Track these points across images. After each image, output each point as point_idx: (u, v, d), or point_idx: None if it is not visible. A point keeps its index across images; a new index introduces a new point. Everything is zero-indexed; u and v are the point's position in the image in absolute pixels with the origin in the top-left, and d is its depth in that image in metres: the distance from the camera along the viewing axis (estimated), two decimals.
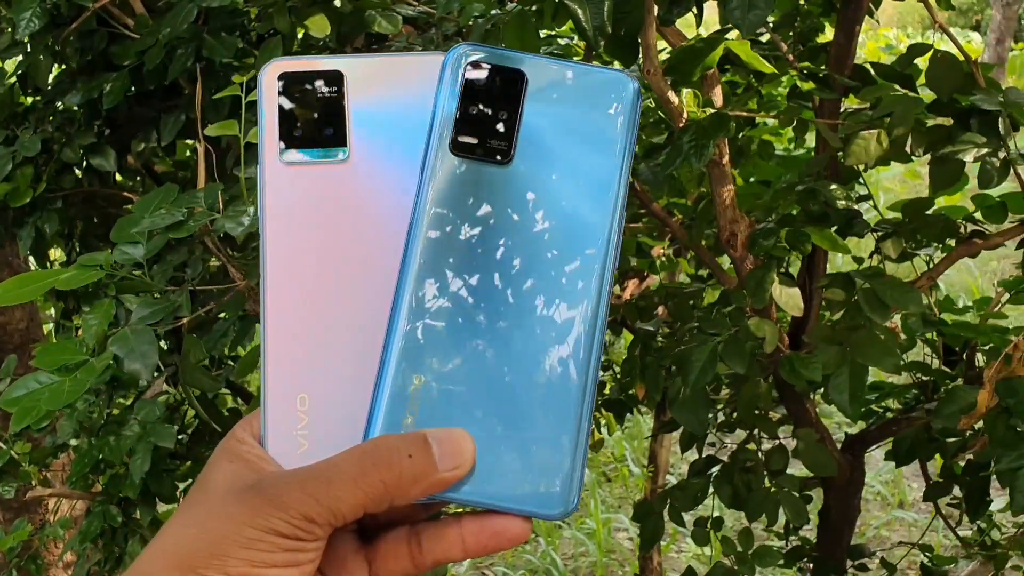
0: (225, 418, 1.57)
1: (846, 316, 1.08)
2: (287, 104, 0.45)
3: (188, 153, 1.67)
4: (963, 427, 1.05)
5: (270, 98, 0.45)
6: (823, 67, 1.19)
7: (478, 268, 0.43)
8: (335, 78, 0.45)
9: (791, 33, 1.36)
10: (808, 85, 1.10)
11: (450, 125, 0.44)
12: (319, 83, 0.45)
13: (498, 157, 0.44)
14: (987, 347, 1.29)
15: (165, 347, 1.43)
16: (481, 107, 0.44)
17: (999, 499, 1.45)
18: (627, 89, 0.44)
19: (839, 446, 1.53)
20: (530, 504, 0.42)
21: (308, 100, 0.45)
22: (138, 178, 1.68)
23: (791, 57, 1.28)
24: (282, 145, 0.45)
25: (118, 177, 1.66)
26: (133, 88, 1.43)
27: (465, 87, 0.44)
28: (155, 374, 1.48)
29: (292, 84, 0.45)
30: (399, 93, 0.45)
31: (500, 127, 0.44)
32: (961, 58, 1.13)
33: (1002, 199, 1.20)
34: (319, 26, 1.13)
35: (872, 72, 1.22)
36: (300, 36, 1.44)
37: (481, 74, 0.44)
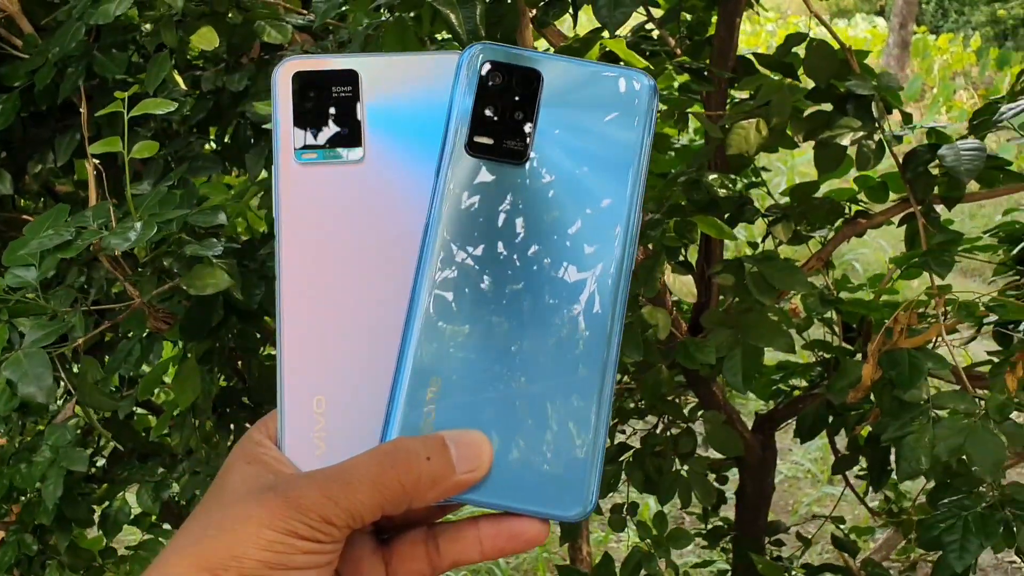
0: (141, 438, 1.55)
1: (741, 300, 1.12)
2: (301, 104, 0.45)
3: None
4: (852, 400, 1.09)
5: (284, 98, 0.45)
6: (706, 60, 1.22)
7: (494, 268, 0.43)
8: (349, 77, 0.45)
9: (680, 28, 1.40)
10: (683, 78, 1.13)
11: (466, 124, 0.44)
12: (333, 82, 0.45)
13: (514, 156, 0.43)
14: (880, 323, 1.34)
15: (76, 370, 1.41)
16: (497, 106, 0.44)
17: None
18: (643, 87, 0.44)
19: (751, 426, 1.57)
20: (547, 506, 0.42)
21: (322, 100, 0.45)
22: (40, 200, 1.65)
23: (679, 51, 1.32)
24: (296, 145, 0.45)
25: (19, 200, 1.63)
26: (25, 108, 1.41)
27: (481, 86, 0.44)
28: (67, 397, 1.46)
29: (306, 84, 0.45)
30: (414, 92, 0.45)
31: (516, 126, 0.44)
32: (836, 46, 1.18)
33: (882, 179, 1.25)
34: (207, 39, 1.12)
35: (755, 63, 1.26)
36: (196, 52, 1.43)
37: (497, 73, 0.44)
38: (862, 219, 1.22)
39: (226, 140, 1.47)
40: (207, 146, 1.44)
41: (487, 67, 0.44)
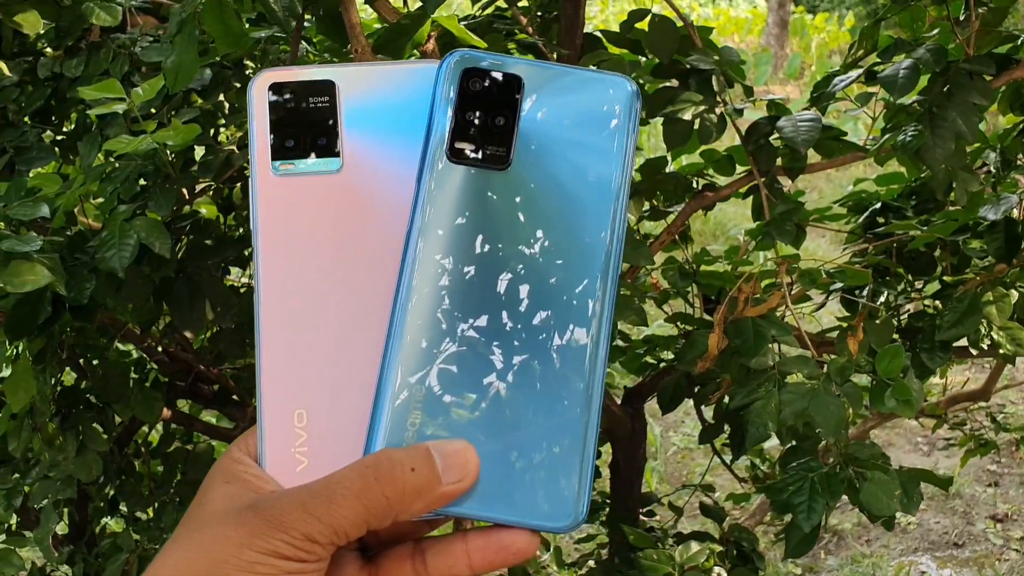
0: None
1: None
2: (278, 115, 0.44)
3: None
4: (700, 370, 1.11)
5: (260, 110, 0.44)
6: (555, 37, 1.22)
7: (478, 276, 0.42)
8: (326, 87, 0.44)
9: (532, 7, 1.39)
10: (526, 57, 1.12)
11: (446, 132, 0.43)
12: (310, 93, 0.44)
13: (496, 163, 0.43)
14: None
15: None
16: (477, 113, 0.43)
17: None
18: (625, 90, 0.44)
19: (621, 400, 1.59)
20: (537, 517, 0.41)
21: (299, 110, 0.44)
22: None
23: (531, 30, 1.32)
24: (273, 157, 0.44)
25: None
26: None
27: (461, 94, 0.43)
28: None
29: (282, 95, 0.44)
30: (392, 101, 0.45)
31: (497, 133, 0.43)
32: (679, 23, 1.19)
33: (728, 152, 1.27)
34: (30, 23, 1.07)
35: (604, 40, 1.26)
36: (34, 37, 1.36)
37: (477, 80, 0.44)
38: (709, 192, 1.24)
39: (66, 128, 1.41)
40: (47, 135, 1.38)
41: (467, 74, 0.44)
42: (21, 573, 1.47)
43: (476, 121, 0.43)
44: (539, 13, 1.36)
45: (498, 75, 0.44)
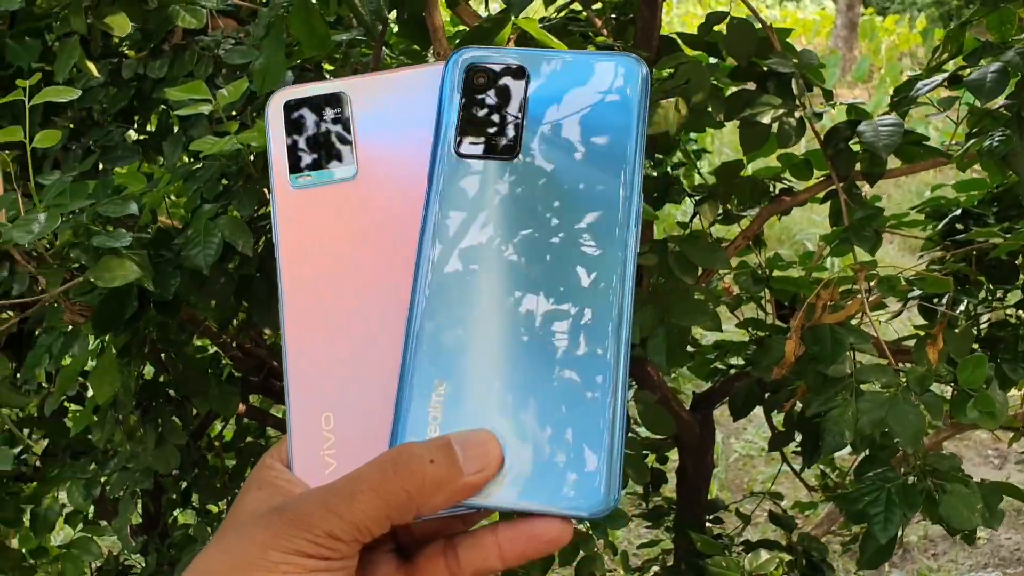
0: (77, 435, 1.52)
1: (665, 280, 1.12)
2: (293, 131, 0.46)
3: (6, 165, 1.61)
4: (776, 376, 1.09)
5: (276, 127, 0.46)
6: (631, 41, 1.22)
7: (493, 267, 0.42)
8: (338, 100, 0.46)
9: (607, 10, 1.39)
10: None
11: (453, 129, 0.43)
12: (323, 106, 0.46)
13: (504, 156, 0.43)
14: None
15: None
16: (483, 108, 0.44)
17: None
18: (634, 72, 0.43)
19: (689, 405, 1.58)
20: (567, 504, 0.40)
21: (313, 124, 0.46)
22: None
23: (605, 32, 1.31)
24: (290, 171, 0.45)
25: None
26: None
27: (466, 89, 0.44)
28: None
29: (296, 111, 0.46)
30: (404, 107, 0.46)
31: (504, 126, 0.43)
32: (758, 25, 1.18)
33: (806, 156, 1.25)
34: (119, 24, 1.10)
35: (680, 42, 1.26)
36: (118, 39, 1.40)
37: (481, 75, 0.44)
38: (786, 197, 1.22)
39: (149, 128, 1.44)
40: (130, 135, 1.41)
41: (471, 70, 0.44)
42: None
43: (482, 114, 0.44)
44: (614, 15, 1.36)
45: (502, 67, 0.44)
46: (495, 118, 0.44)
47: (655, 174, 1.12)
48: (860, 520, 1.05)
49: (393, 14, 0.90)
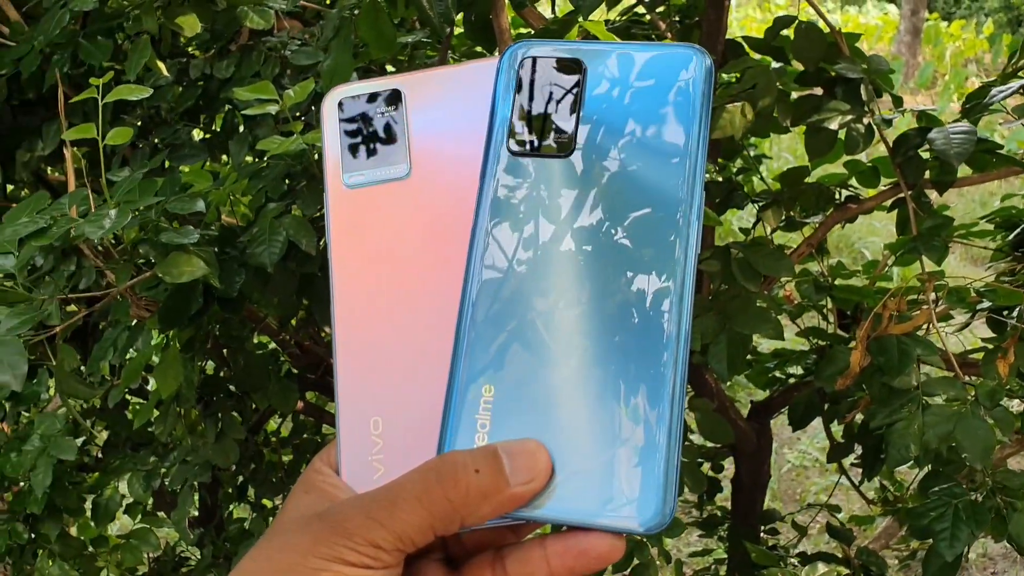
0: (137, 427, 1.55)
1: (727, 287, 1.11)
2: (347, 129, 0.45)
3: (78, 161, 1.64)
4: (840, 387, 1.07)
5: (330, 125, 0.45)
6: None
7: (545, 269, 0.40)
8: (393, 97, 0.45)
9: (672, 12, 1.38)
10: None
11: (507, 125, 0.42)
12: (377, 103, 0.45)
13: (559, 152, 0.42)
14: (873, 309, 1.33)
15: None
16: (538, 103, 0.42)
17: None
18: (696, 64, 0.41)
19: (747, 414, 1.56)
20: (619, 518, 0.38)
21: (367, 122, 0.45)
22: (32, 189, 1.65)
23: (669, 35, 1.30)
24: (344, 169, 0.45)
25: (9, 188, 1.63)
26: (15, 97, 1.41)
27: (520, 84, 0.43)
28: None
29: (351, 108, 0.46)
30: (459, 103, 0.45)
31: (559, 121, 0.42)
32: (826, 29, 1.16)
33: (873, 163, 1.23)
34: (189, 24, 1.12)
35: (745, 46, 1.24)
36: (185, 38, 1.42)
37: (537, 69, 0.43)
38: (852, 204, 1.20)
39: (215, 128, 1.46)
40: (195, 133, 1.43)
41: (526, 64, 0.43)
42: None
43: (537, 110, 0.42)
44: (678, 19, 1.35)
45: (558, 61, 0.43)
46: (550, 113, 0.42)
47: (720, 179, 1.10)
48: (925, 536, 1.02)
49: (459, 16, 0.90)
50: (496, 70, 0.43)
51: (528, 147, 0.42)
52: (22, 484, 1.39)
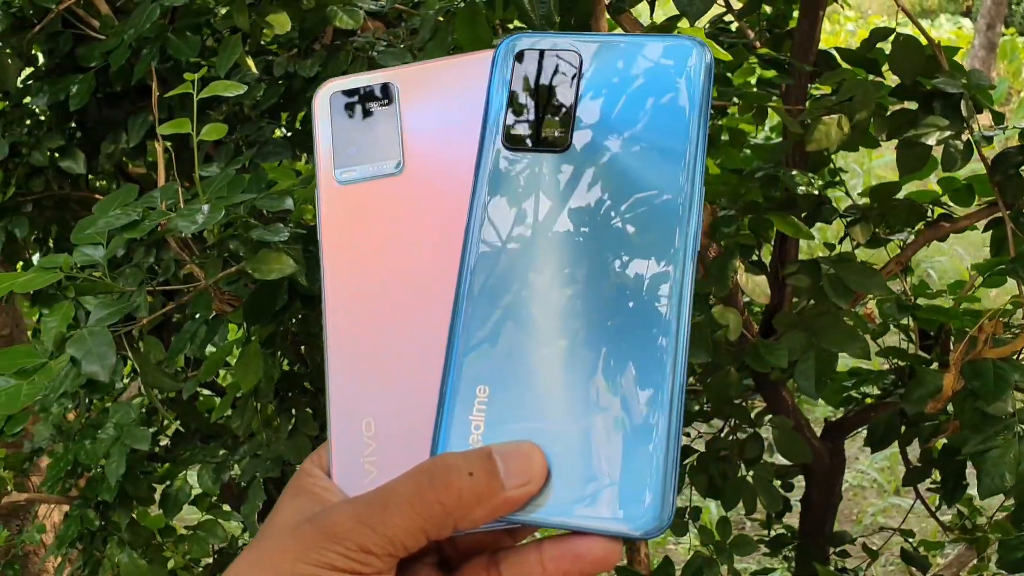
0: (205, 419, 1.56)
1: (815, 302, 1.08)
2: (339, 123, 0.44)
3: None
4: (931, 411, 1.04)
5: (322, 120, 0.44)
6: (788, 53, 1.18)
7: (540, 267, 0.39)
8: (386, 91, 0.44)
9: (760, 21, 1.36)
10: (768, 73, 1.09)
11: (502, 119, 0.41)
12: (370, 98, 0.44)
13: (555, 147, 0.40)
14: (960, 331, 1.29)
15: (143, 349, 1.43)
16: (533, 96, 0.41)
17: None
18: (696, 56, 0.40)
19: (820, 433, 1.53)
20: (616, 522, 0.37)
21: (359, 116, 0.44)
22: (113, 181, 1.68)
23: (758, 44, 1.28)
24: (335, 165, 0.44)
25: (92, 180, 1.66)
26: (102, 89, 1.43)
27: (515, 77, 0.41)
28: (133, 376, 1.48)
29: (343, 103, 0.44)
30: (452, 97, 0.43)
31: (555, 115, 0.41)
32: (924, 42, 1.13)
33: (968, 181, 1.19)
34: (280, 22, 1.12)
35: (837, 57, 1.22)
36: (270, 37, 1.43)
37: (532, 62, 0.41)
38: (945, 223, 1.17)
39: (297, 126, 1.47)
40: (277, 131, 1.44)
41: (521, 56, 0.42)
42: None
43: (532, 104, 0.41)
44: (767, 30, 1.33)
45: (554, 54, 0.41)
46: (545, 107, 0.41)
47: (816, 192, 1.08)
48: (1017, 569, 0.99)
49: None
50: (491, 63, 0.42)
51: (523, 141, 0.41)
52: (93, 471, 1.41)
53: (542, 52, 0.41)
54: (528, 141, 0.41)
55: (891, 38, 1.13)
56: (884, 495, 3.52)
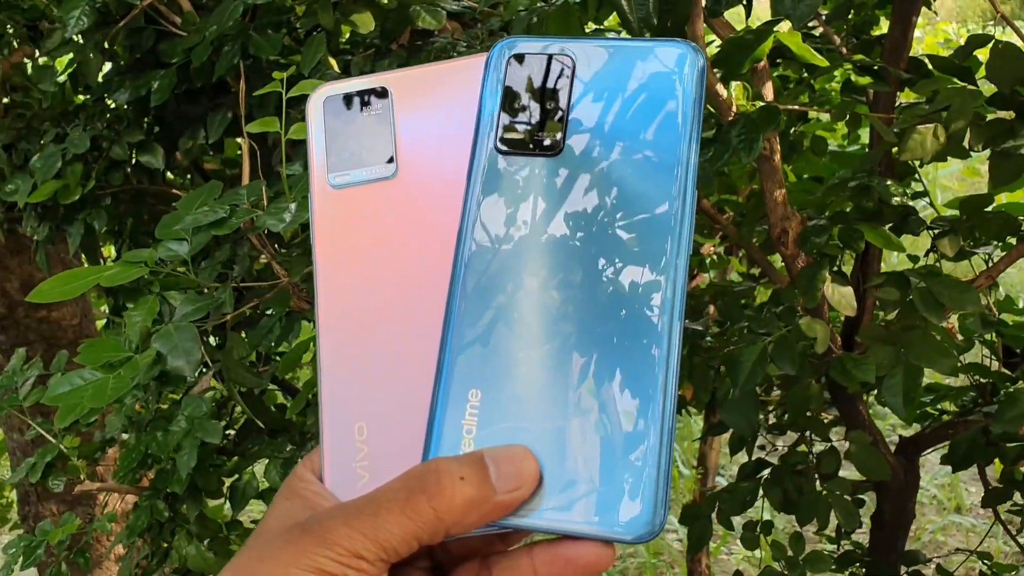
0: (272, 414, 1.57)
1: (900, 316, 1.05)
2: (333, 127, 0.44)
3: (237, 151, 1.68)
4: None
5: (316, 124, 0.44)
6: (878, 60, 1.15)
7: (532, 271, 0.39)
8: (380, 95, 0.44)
9: (844, 26, 1.33)
10: (863, 79, 1.06)
11: (495, 124, 0.41)
12: (364, 102, 0.44)
13: (548, 151, 0.40)
14: None
15: (213, 343, 1.44)
16: (526, 100, 0.41)
17: None
18: (689, 61, 0.40)
19: (893, 449, 1.49)
20: (608, 527, 0.37)
21: (353, 121, 0.44)
22: (188, 176, 1.70)
23: (844, 50, 1.25)
24: (329, 169, 0.44)
25: (168, 175, 1.68)
26: (181, 86, 1.45)
27: (508, 81, 0.41)
28: (203, 370, 1.49)
29: (337, 107, 0.44)
30: (446, 101, 0.43)
31: (547, 119, 0.41)
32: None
33: None
34: (364, 22, 1.12)
35: (929, 65, 1.18)
36: (348, 34, 1.44)
37: (525, 65, 0.42)
38: None
39: None
40: None
41: (514, 60, 0.42)
42: None
43: (524, 108, 0.41)
44: (855, 36, 1.30)
45: (547, 58, 0.41)
46: (539, 112, 0.41)
47: (908, 203, 1.05)
48: None
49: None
50: (484, 67, 0.42)
51: (516, 145, 0.41)
52: (163, 463, 1.43)
53: (535, 56, 0.42)
54: (521, 145, 0.41)
55: (989, 46, 1.10)
56: (944, 513, 3.45)
